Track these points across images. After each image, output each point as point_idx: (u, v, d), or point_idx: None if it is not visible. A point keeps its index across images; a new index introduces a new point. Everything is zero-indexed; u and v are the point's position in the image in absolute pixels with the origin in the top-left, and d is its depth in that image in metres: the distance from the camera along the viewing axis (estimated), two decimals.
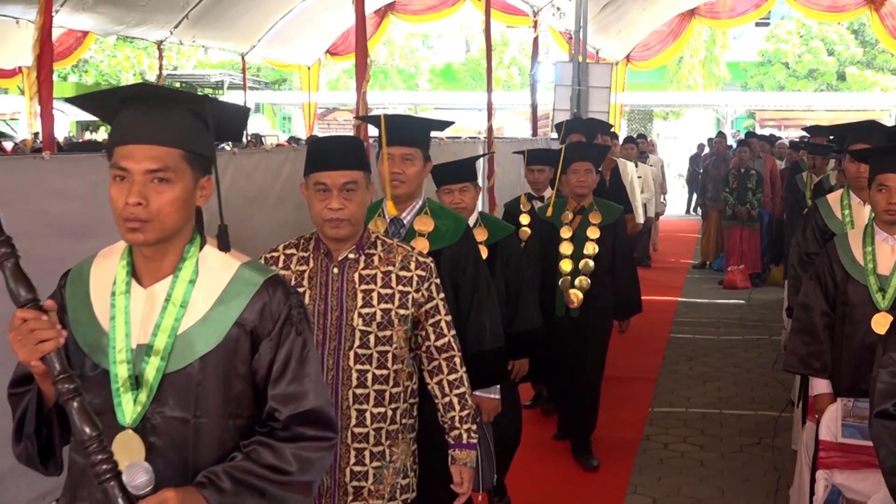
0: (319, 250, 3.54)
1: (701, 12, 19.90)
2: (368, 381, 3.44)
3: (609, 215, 6.68)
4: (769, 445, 7.03)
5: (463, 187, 5.06)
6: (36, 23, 5.08)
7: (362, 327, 3.43)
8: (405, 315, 3.49)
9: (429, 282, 3.54)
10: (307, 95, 21.96)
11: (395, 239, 3.71)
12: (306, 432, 2.44)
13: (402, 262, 3.52)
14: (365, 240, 3.54)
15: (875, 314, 4.36)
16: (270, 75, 33.86)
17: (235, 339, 2.42)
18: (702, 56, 37.57)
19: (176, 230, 2.40)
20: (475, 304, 4.27)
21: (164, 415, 2.38)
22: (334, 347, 3.44)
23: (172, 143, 2.37)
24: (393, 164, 4.15)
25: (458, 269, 4.27)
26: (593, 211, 6.63)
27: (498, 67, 35.63)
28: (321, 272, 3.51)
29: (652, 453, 6.96)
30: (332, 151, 3.47)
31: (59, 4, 12.79)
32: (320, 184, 3.40)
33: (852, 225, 5.49)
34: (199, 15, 15.85)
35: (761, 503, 6.00)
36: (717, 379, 8.99)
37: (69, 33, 16.92)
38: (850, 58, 37.46)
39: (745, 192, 13.73)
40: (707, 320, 11.65)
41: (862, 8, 18.64)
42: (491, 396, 4.43)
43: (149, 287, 2.43)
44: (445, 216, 4.37)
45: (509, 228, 5.26)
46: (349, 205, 3.39)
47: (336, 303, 3.46)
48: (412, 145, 4.22)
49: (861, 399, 4.30)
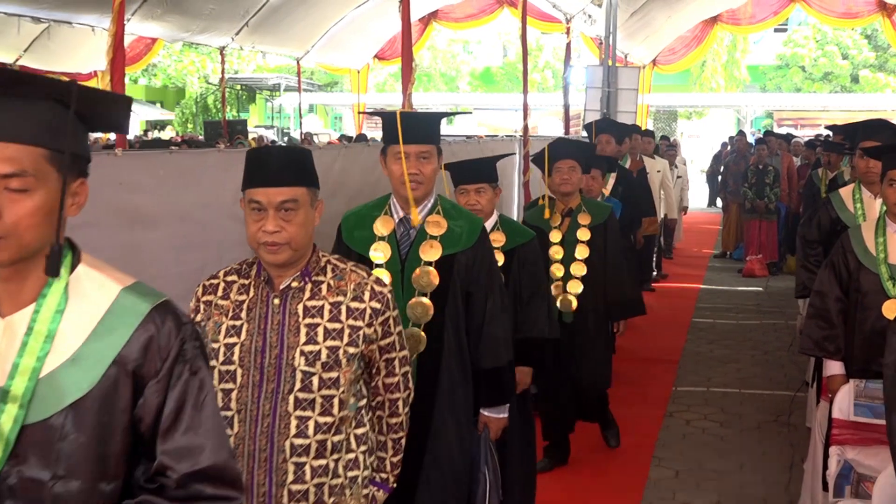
0: (260, 277, 2.92)
1: (723, 19, 19.78)
2: (310, 430, 2.80)
3: (598, 215, 5.97)
4: (785, 423, 6.99)
5: (480, 188, 4.59)
6: (109, 30, 5.11)
7: (304, 367, 2.81)
8: (354, 354, 2.88)
9: (384, 315, 2.92)
10: (356, 97, 22.04)
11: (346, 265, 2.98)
12: (204, 491, 1.90)
13: (354, 292, 2.89)
14: (312, 265, 2.91)
15: (886, 301, 4.34)
16: (323, 78, 33.94)
17: (114, 381, 1.85)
18: (723, 60, 37.26)
19: (39, 247, 1.82)
20: (488, 316, 3.75)
21: (21, 475, 1.80)
22: (272, 390, 2.82)
23: (31, 139, 1.81)
24: (409, 163, 3.61)
25: (472, 277, 3.72)
26: (582, 212, 5.92)
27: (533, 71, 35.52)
28: (261, 303, 2.89)
29: (675, 429, 6.93)
30: (267, 165, 2.85)
31: (130, 13, 12.89)
32: (254, 202, 2.81)
33: (864, 217, 5.45)
34: (258, 23, 15.94)
35: (777, 477, 5.96)
36: (736, 361, 8.94)
37: (140, 40, 17.06)
38: (864, 61, 37.04)
39: (763, 187, 13.67)
40: (727, 306, 11.58)
41: (875, 14, 18.53)
42: (500, 416, 3.91)
43: (7, 317, 1.85)
44: (459, 216, 3.80)
45: (528, 234, 4.75)
46: (287, 227, 2.78)
47: (276, 339, 2.83)
48: (428, 142, 3.68)
49: (872, 380, 4.29)
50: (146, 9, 13.66)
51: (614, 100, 14.61)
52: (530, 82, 12.98)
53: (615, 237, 6.08)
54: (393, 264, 3.66)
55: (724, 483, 5.90)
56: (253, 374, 2.83)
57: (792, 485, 5.73)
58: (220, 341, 2.87)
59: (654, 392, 7.81)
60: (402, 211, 3.72)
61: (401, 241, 3.71)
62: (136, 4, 13.13)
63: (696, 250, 16.62)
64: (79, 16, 14.29)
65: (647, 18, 17.39)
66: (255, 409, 2.82)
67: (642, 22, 17.41)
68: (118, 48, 5.09)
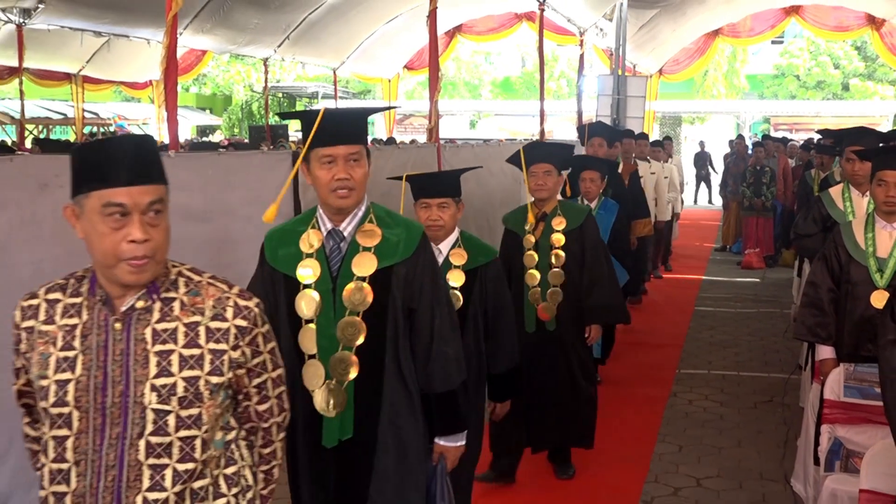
0: (95, 296, 2.17)
1: (724, 32, 19.71)
2: (167, 481, 2.15)
3: (574, 219, 5.20)
4: (780, 403, 6.94)
5: (442, 203, 3.93)
6: (164, 43, 5.13)
7: (157, 405, 2.13)
8: (219, 384, 2.21)
9: (252, 334, 2.26)
10: (387, 104, 22.04)
11: (202, 277, 2.29)
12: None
13: (214, 310, 2.20)
14: (161, 279, 2.19)
15: (874, 291, 4.34)
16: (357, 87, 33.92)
17: None
18: (724, 69, 36.96)
19: None
20: (437, 333, 3.05)
21: None
22: (117, 435, 2.13)
23: None
24: (337, 167, 2.89)
25: (414, 291, 3.00)
26: (556, 216, 5.18)
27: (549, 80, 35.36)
28: (98, 328, 2.15)
29: (678, 408, 6.90)
30: (119, 160, 2.08)
31: (182, 27, 12.96)
32: (114, 205, 2.06)
33: (853, 214, 5.44)
34: (298, 36, 16.01)
35: (772, 453, 5.92)
36: (735, 345, 8.88)
37: (191, 52, 17.15)
38: (854, 71, 36.72)
39: (761, 187, 13.64)
40: (727, 295, 11.50)
41: (864, 28, 18.47)
42: (457, 444, 3.23)
43: None
44: (395, 224, 3.04)
45: (491, 253, 4.11)
46: (155, 234, 2.10)
47: (120, 372, 2.13)
48: (357, 142, 2.94)
49: (861, 364, 4.28)
50: (197, 23, 13.75)
51: (624, 106, 14.57)
52: (546, 90, 12.94)
53: (593, 241, 5.28)
54: (323, 282, 2.98)
55: (723, 457, 5.87)
56: (93, 416, 2.13)
57: (786, 460, 5.70)
58: (50, 378, 2.15)
59: (659, 374, 7.78)
60: (330, 222, 3.01)
61: (331, 257, 3.01)
62: (187, 19, 13.20)
63: (699, 244, 16.53)
64: (136, 30, 14.40)
65: (653, 31, 17.32)
66: (98, 460, 2.13)
67: (649, 35, 17.34)
68: (171, 59, 5.11)
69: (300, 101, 32.13)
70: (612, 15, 14.90)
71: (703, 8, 17.28)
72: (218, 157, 5.30)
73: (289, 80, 30.31)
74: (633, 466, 5.67)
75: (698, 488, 5.38)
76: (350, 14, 16.23)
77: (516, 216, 5.34)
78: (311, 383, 2.98)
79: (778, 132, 28.62)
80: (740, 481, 5.47)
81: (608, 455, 5.86)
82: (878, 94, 35.43)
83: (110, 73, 18.03)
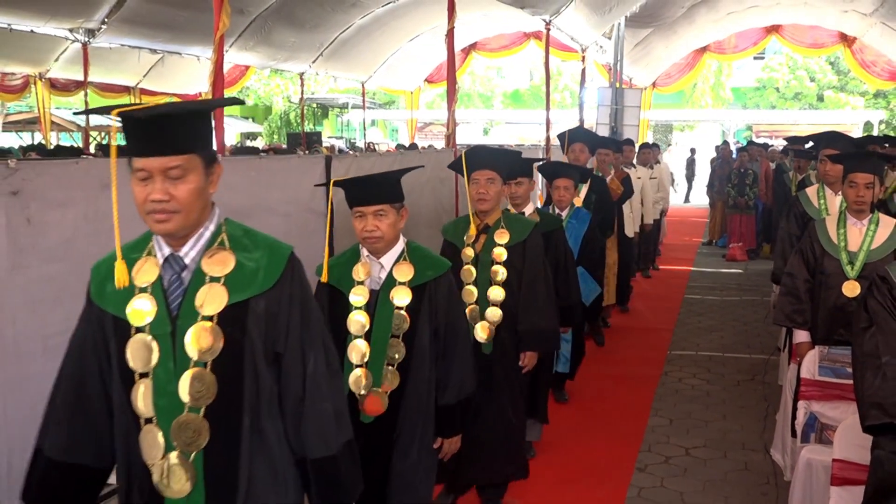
0: None
1: (711, 49, 19.60)
2: None
3: (518, 233, 4.24)
4: (761, 381, 6.91)
5: (379, 210, 3.03)
6: (212, 59, 5.14)
7: None
8: None
9: None
10: (410, 113, 22.05)
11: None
12: None
13: None
14: None
15: (845, 281, 4.33)
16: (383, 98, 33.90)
17: None
18: (711, 82, 36.75)
19: None
20: (311, 384, 2.17)
21: None
22: None
23: None
24: (152, 184, 2.02)
25: (279, 331, 2.15)
26: (500, 229, 4.24)
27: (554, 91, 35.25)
28: None
29: (669, 386, 6.87)
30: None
31: (228, 45, 13.00)
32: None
33: (827, 211, 5.44)
34: (330, 53, 16.02)
35: (754, 426, 5.89)
36: (720, 330, 8.84)
37: (236, 67, 17.17)
38: (828, 83, 36.45)
39: (744, 187, 13.57)
40: (713, 285, 11.44)
41: (837, 45, 18.41)
42: None
43: None
44: (255, 246, 2.18)
45: (442, 266, 3.21)
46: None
47: None
48: (183, 150, 2.03)
49: (834, 346, 4.28)
50: (241, 42, 13.81)
51: (621, 115, 14.50)
52: (552, 101, 12.88)
53: (534, 257, 4.28)
54: (159, 325, 2.10)
55: (709, 430, 5.85)
56: None
57: (766, 432, 5.67)
58: None
59: (652, 355, 7.74)
60: (167, 246, 2.13)
61: (169, 290, 2.12)
62: (233, 38, 13.25)
63: (688, 239, 16.45)
64: (187, 48, 14.46)
65: (648, 48, 17.24)
66: None
67: (644, 51, 17.26)
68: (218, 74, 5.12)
69: (332, 110, 32.17)
70: (611, 34, 14.82)
71: (692, 27, 17.20)
72: (259, 161, 5.29)
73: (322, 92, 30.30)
74: (629, 438, 5.66)
75: (687, 457, 5.36)
76: (377, 33, 16.24)
77: (457, 227, 4.35)
78: (148, 455, 2.11)
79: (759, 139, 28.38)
80: (725, 451, 5.45)
81: (606, 427, 5.86)
82: (850, 105, 35.17)
83: (164, 85, 18.07)
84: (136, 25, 12.77)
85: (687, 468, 5.18)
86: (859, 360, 2.76)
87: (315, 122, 32.63)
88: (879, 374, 2.65)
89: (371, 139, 25.98)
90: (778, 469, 4.94)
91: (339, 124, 32.68)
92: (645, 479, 4.99)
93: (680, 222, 18.08)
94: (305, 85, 18.83)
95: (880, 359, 2.67)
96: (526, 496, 4.67)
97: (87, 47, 13.13)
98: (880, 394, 2.62)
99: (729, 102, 37.87)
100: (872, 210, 4.40)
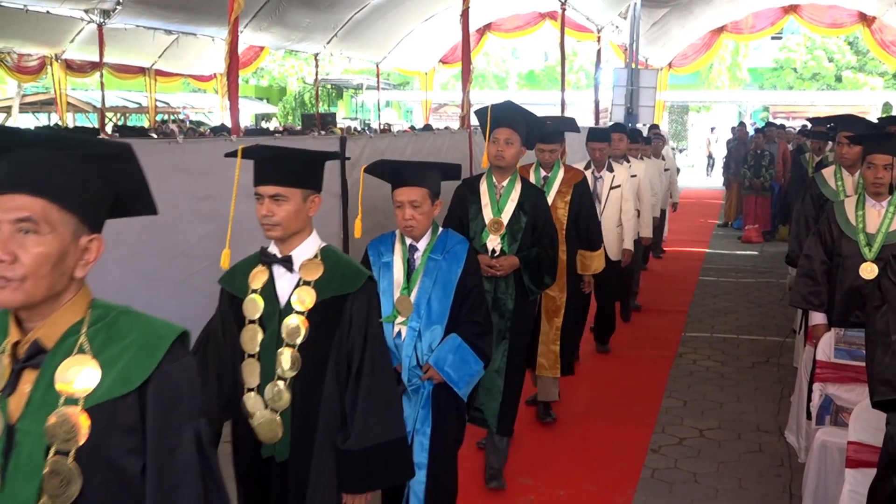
0: None
1: (728, 29, 19.44)
2: None
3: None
4: (776, 363, 6.89)
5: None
6: (226, 40, 5.15)
7: None
8: None
9: None
10: (424, 94, 22.06)
11: None
12: None
13: None
14: None
15: (863, 263, 4.29)
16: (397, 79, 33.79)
17: None
18: (728, 63, 36.44)
19: None
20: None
21: None
22: None
23: None
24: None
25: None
26: None
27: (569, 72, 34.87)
28: None
29: (683, 367, 6.87)
30: None
31: (243, 26, 12.99)
32: None
33: (844, 193, 5.38)
34: (345, 33, 15.99)
35: (768, 408, 5.88)
36: (735, 311, 8.81)
37: (250, 48, 17.18)
38: (846, 64, 36.07)
39: (760, 169, 13.46)
40: (728, 267, 11.40)
41: (856, 24, 18.20)
42: None
43: None
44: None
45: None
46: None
47: None
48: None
49: (850, 329, 4.25)
50: (256, 23, 13.79)
51: (636, 97, 14.41)
52: (567, 82, 12.82)
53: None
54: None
55: (723, 411, 5.84)
56: None
57: (780, 414, 5.65)
58: None
59: (667, 337, 7.73)
60: None
61: None
62: (247, 19, 13.24)
63: (703, 220, 16.39)
64: (202, 28, 14.47)
65: (664, 28, 17.13)
66: None
67: (660, 31, 17.15)
68: (233, 55, 5.12)
69: (347, 91, 32.15)
70: (627, 13, 14.73)
71: (709, 7, 17.07)
72: (274, 142, 5.30)
73: (336, 73, 30.24)
74: (643, 419, 5.66)
75: (701, 438, 5.36)
76: (391, 14, 16.19)
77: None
78: None
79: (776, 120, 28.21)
80: (739, 433, 5.44)
81: (621, 409, 5.86)
82: (869, 86, 34.82)
83: (179, 66, 18.13)
84: (151, 6, 12.79)
85: (701, 449, 5.18)
86: (871, 338, 2.77)
87: (329, 104, 32.64)
88: (889, 351, 2.68)
89: (386, 120, 25.94)
90: (792, 451, 4.93)
91: (354, 105, 32.67)
92: (659, 461, 5.00)
93: (695, 204, 18.02)
94: (320, 66, 18.82)
95: (890, 337, 2.69)
96: (539, 476, 4.69)
97: (102, 28, 13.17)
98: (889, 371, 2.65)
99: (746, 83, 37.58)
100: (891, 191, 4.36)
